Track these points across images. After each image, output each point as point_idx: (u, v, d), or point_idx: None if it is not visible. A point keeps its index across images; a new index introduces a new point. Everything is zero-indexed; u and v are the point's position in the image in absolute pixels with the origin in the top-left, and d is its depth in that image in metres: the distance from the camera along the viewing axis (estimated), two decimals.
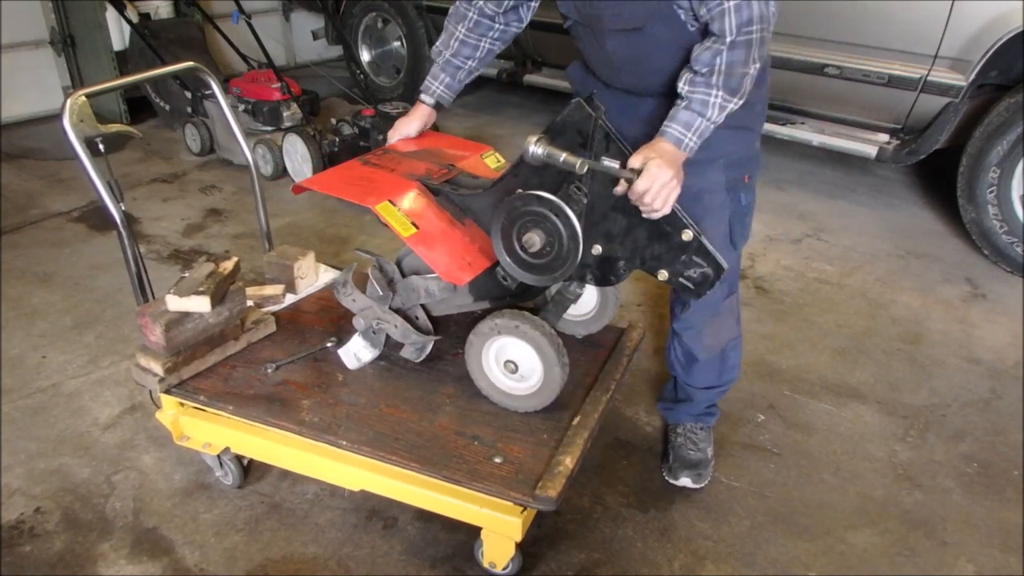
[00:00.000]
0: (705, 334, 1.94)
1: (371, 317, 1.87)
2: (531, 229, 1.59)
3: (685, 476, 2.02)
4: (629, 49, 1.67)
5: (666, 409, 2.17)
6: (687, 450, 2.06)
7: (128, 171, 4.11)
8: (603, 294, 2.00)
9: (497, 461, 1.62)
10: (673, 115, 1.55)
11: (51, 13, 4.74)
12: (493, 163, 1.96)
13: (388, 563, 1.81)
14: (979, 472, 2.11)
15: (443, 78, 1.91)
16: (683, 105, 1.54)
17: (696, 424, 2.10)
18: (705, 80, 1.52)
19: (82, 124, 1.81)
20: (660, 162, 1.47)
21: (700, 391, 2.05)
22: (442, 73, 1.91)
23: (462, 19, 1.86)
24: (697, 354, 1.97)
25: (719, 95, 1.52)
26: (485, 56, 1.91)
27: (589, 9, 1.65)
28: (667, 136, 1.53)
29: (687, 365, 2.02)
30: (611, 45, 1.69)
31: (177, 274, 2.64)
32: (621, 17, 1.60)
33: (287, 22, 6.27)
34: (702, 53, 1.52)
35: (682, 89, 1.55)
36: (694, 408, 2.09)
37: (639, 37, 1.62)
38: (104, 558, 1.83)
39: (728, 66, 1.50)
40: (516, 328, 1.66)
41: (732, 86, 1.52)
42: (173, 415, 1.89)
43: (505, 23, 1.87)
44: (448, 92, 1.93)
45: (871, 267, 3.19)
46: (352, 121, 4.01)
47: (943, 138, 3.21)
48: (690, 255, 1.57)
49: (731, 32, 1.48)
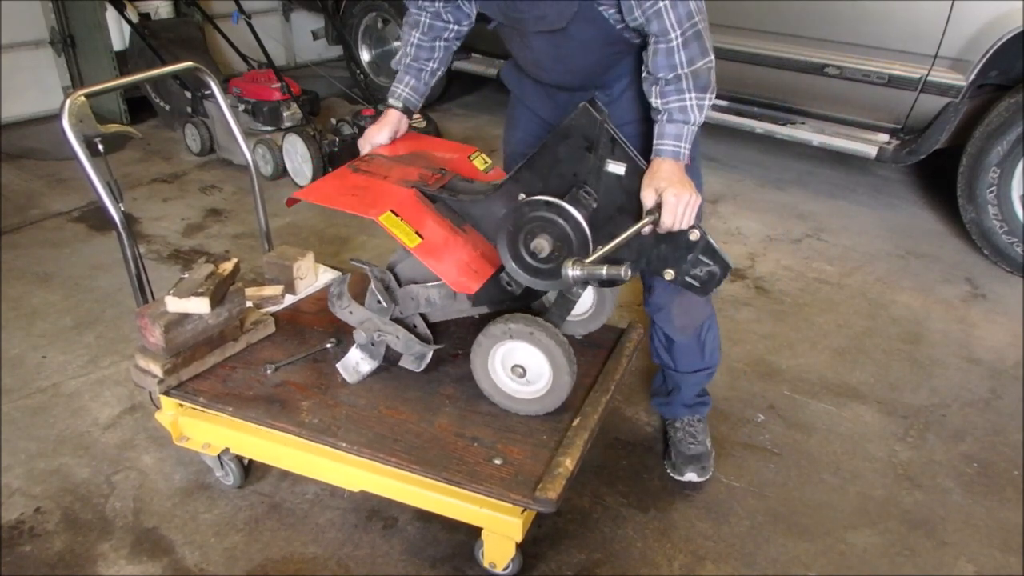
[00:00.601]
0: (674, 314, 1.94)
1: (371, 329, 1.84)
2: (539, 234, 1.58)
3: (690, 471, 2.04)
4: (554, 48, 1.69)
5: (661, 404, 2.18)
6: (687, 444, 2.07)
7: (128, 171, 4.11)
8: (600, 293, 2.00)
9: (497, 462, 1.62)
10: (660, 132, 1.57)
11: (51, 13, 4.74)
12: (480, 164, 1.96)
13: (388, 563, 1.81)
14: (979, 472, 2.11)
15: (408, 80, 1.94)
16: (664, 119, 1.56)
17: (692, 416, 2.11)
18: (675, 87, 1.54)
19: (81, 124, 1.81)
20: (674, 190, 1.50)
21: (687, 376, 2.05)
22: (406, 76, 1.94)
23: (415, 25, 1.90)
24: (672, 335, 1.98)
25: (693, 97, 1.54)
26: (444, 56, 1.94)
27: (512, 11, 1.66)
28: (664, 154, 1.55)
29: (668, 349, 2.03)
30: (537, 45, 1.71)
31: (177, 274, 2.64)
32: (545, 19, 1.61)
33: (287, 22, 6.26)
34: (656, 58, 1.53)
35: (656, 102, 1.57)
36: (685, 397, 2.10)
37: (563, 37, 1.64)
38: (104, 558, 1.83)
39: (689, 63, 1.52)
40: (531, 335, 1.65)
41: (701, 84, 1.54)
42: (172, 416, 1.89)
43: (456, 21, 1.89)
44: (414, 94, 1.95)
45: (871, 267, 3.19)
46: (352, 121, 4.02)
47: (943, 138, 3.21)
48: (697, 254, 1.57)
49: (674, 28, 1.49)
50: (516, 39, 1.75)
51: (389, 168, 1.85)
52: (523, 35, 1.71)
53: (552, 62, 1.74)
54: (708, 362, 2.04)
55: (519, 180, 1.64)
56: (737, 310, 2.86)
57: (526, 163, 1.63)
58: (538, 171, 1.61)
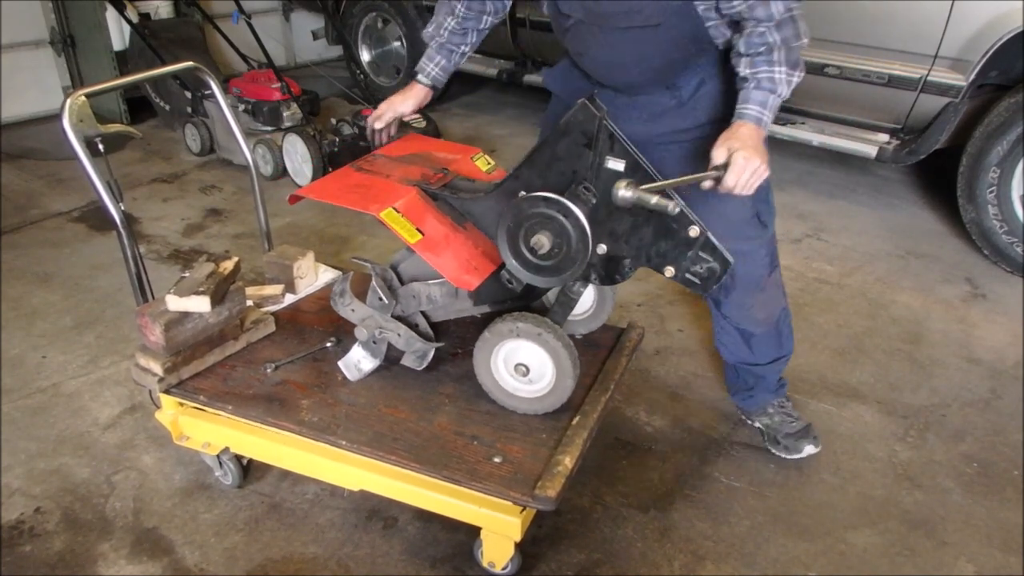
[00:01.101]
0: (755, 310, 1.99)
1: (373, 327, 1.84)
2: (539, 231, 1.58)
3: (807, 445, 2.09)
4: (638, 45, 1.67)
5: (744, 400, 2.20)
6: (789, 424, 2.12)
7: (128, 171, 4.11)
8: (600, 292, 2.00)
9: (496, 461, 1.62)
10: (746, 96, 1.58)
11: (51, 13, 4.74)
12: (483, 165, 1.96)
13: (388, 563, 1.81)
14: (979, 472, 2.11)
15: (438, 60, 1.96)
16: (752, 85, 1.58)
17: (780, 399, 2.16)
18: (766, 59, 1.56)
19: (82, 124, 1.81)
20: (746, 153, 1.50)
21: (767, 366, 2.09)
22: (437, 55, 1.96)
23: (451, 11, 1.91)
24: (753, 330, 2.02)
25: (783, 71, 1.56)
26: (476, 41, 1.97)
27: (599, 8, 1.64)
28: (747, 117, 1.57)
29: (745, 344, 2.05)
30: (618, 42, 1.68)
31: (177, 274, 2.64)
32: (640, 14, 1.61)
33: (287, 22, 6.27)
34: (751, 37, 1.56)
35: (744, 72, 1.59)
36: (769, 385, 2.14)
37: (652, 33, 1.63)
38: (104, 558, 1.83)
39: (783, 42, 1.55)
40: (539, 335, 1.65)
41: (792, 60, 1.57)
42: (173, 415, 1.89)
43: (493, 11, 1.92)
44: (443, 74, 1.99)
45: (871, 267, 3.19)
46: (352, 121, 4.01)
47: (943, 138, 3.21)
48: (697, 251, 1.57)
49: (778, 14, 1.53)
50: (592, 37, 1.72)
51: (392, 168, 1.86)
52: (604, 33, 1.68)
53: (634, 60, 1.70)
54: (786, 349, 2.10)
55: (519, 177, 1.64)
56: None
57: (526, 160, 1.63)
58: (538, 168, 1.61)
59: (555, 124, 1.59)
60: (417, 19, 4.95)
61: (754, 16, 1.55)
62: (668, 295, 2.95)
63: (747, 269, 1.88)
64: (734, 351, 2.09)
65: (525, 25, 4.49)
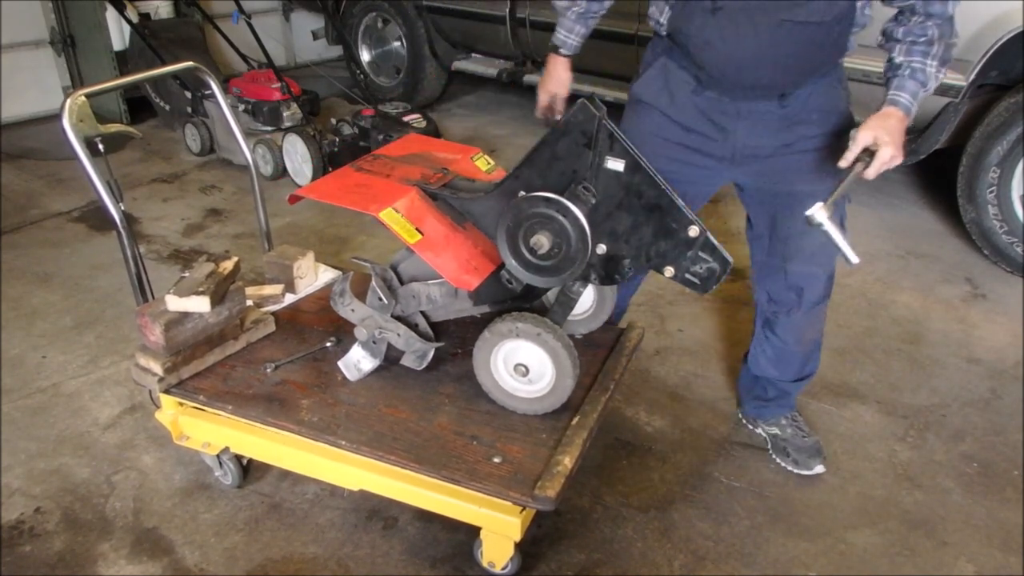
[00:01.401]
0: (806, 330, 2.02)
1: (373, 327, 1.84)
2: (539, 231, 1.58)
3: (816, 463, 2.08)
4: (784, 43, 1.58)
5: (757, 407, 2.20)
6: (801, 438, 2.13)
7: (128, 171, 4.12)
8: (600, 292, 2.00)
9: (496, 461, 1.62)
10: (901, 84, 1.59)
11: (51, 13, 4.75)
12: (484, 165, 1.96)
13: (388, 563, 1.81)
14: (979, 472, 2.11)
15: (579, 30, 1.97)
16: (907, 74, 1.58)
17: (793, 411, 2.18)
18: (924, 49, 1.56)
19: (82, 124, 1.81)
20: (891, 150, 1.51)
21: (794, 383, 2.12)
22: (577, 25, 1.96)
23: None
24: (796, 349, 2.05)
25: (935, 64, 1.58)
26: (607, 5, 1.95)
27: None
28: (900, 106, 1.57)
29: (783, 361, 2.07)
30: (764, 36, 1.57)
31: (177, 274, 2.64)
32: (804, 9, 1.53)
33: (287, 22, 6.27)
34: (913, 26, 1.56)
35: (899, 59, 1.59)
36: (788, 400, 2.16)
37: (805, 32, 1.57)
38: (104, 558, 1.83)
39: (942, 36, 1.56)
40: (538, 336, 1.65)
41: (946, 57, 1.58)
42: (172, 415, 1.89)
43: None
44: (582, 43, 1.99)
45: (871, 267, 3.19)
46: (352, 121, 4.01)
47: (943, 138, 3.21)
48: (696, 251, 1.57)
49: (950, 11, 1.54)
50: (733, 26, 1.58)
51: (391, 168, 1.86)
52: (757, 23, 1.56)
53: (773, 58, 1.60)
54: (812, 368, 2.12)
55: (519, 177, 1.64)
56: (737, 310, 2.85)
57: (525, 160, 1.63)
58: (537, 168, 1.61)
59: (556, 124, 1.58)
60: (417, 19, 4.95)
61: (928, 12, 1.55)
62: (668, 295, 2.95)
63: (813, 292, 1.93)
64: (768, 367, 2.09)
65: (525, 25, 4.49)
